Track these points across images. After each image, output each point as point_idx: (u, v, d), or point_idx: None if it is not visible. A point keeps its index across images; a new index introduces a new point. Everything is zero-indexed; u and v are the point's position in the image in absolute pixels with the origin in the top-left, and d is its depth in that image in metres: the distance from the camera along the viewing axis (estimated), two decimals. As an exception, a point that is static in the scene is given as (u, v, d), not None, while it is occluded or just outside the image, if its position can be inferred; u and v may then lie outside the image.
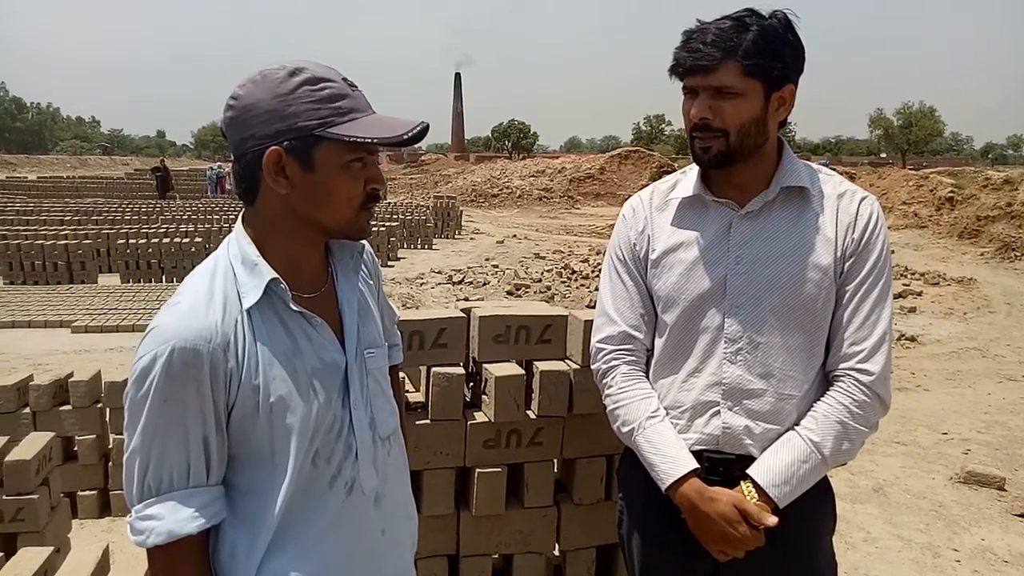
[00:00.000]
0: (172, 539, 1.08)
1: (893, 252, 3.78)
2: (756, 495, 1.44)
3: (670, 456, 1.51)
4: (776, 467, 1.45)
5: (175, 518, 1.08)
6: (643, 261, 1.64)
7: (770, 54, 1.42)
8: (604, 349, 1.68)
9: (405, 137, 1.12)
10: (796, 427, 1.49)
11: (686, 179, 1.62)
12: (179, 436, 1.08)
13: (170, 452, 1.08)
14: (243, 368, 1.10)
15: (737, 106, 1.43)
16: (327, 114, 1.10)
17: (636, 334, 1.64)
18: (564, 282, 11.46)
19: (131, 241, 11.79)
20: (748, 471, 1.47)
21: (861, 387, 1.47)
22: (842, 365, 1.50)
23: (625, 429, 1.60)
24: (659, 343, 1.63)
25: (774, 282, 1.49)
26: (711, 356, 1.54)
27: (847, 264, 1.50)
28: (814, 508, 1.56)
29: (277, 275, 1.13)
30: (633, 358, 1.65)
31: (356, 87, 1.16)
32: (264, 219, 1.18)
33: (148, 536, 1.08)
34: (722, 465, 1.52)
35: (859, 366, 1.48)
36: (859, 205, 1.52)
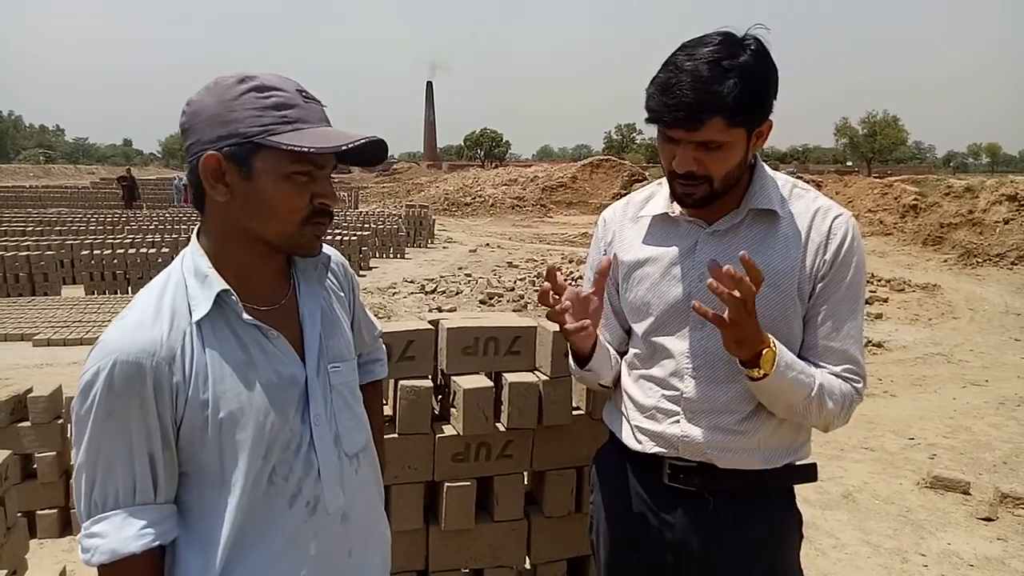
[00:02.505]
0: (116, 558, 1.05)
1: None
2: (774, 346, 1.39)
3: None
4: (789, 355, 1.42)
5: (120, 536, 1.05)
6: (612, 274, 1.64)
7: (753, 104, 1.36)
8: None
9: (344, 148, 1.08)
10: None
11: (661, 192, 1.61)
12: (124, 451, 1.06)
13: (115, 467, 1.06)
14: (190, 382, 1.08)
15: (722, 157, 1.39)
16: (269, 122, 1.08)
17: None
18: (537, 291, 11.46)
19: (96, 252, 11.55)
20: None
21: (852, 384, 1.48)
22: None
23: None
24: (632, 351, 1.65)
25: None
26: (673, 369, 1.54)
27: (819, 285, 1.47)
28: (779, 521, 1.57)
29: (228, 286, 1.11)
30: None
31: (312, 99, 1.14)
32: (213, 229, 1.16)
33: (93, 554, 1.06)
34: (683, 472, 1.53)
35: (849, 376, 1.49)
36: (832, 224, 1.48)
